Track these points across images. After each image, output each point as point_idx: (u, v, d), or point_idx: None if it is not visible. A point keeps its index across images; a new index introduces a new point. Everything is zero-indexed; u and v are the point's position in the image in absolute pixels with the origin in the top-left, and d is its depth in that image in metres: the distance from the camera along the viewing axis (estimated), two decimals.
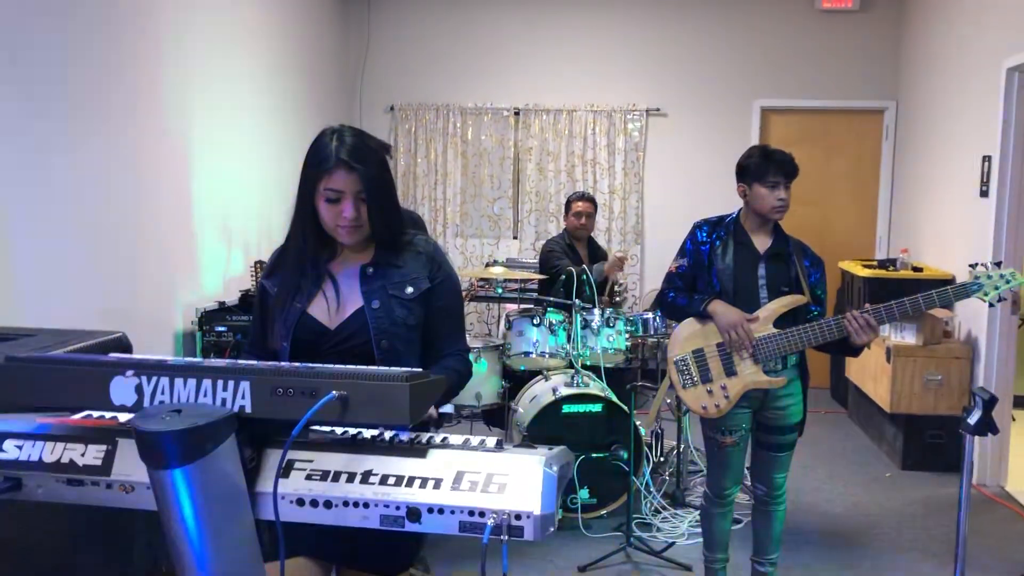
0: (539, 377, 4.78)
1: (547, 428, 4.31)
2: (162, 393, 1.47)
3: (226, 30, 5.62)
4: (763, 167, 3.18)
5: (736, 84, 7.23)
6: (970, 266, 3.02)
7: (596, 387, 4.53)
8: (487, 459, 1.47)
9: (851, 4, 6.94)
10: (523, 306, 5.20)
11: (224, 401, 1.44)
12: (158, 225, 4.89)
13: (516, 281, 5.85)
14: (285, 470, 1.49)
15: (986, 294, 2.96)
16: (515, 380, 4.93)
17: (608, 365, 4.75)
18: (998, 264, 3.00)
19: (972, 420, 2.05)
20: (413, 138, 7.59)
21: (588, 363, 4.70)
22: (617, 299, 5.61)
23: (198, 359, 1.50)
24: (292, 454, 1.50)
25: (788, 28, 7.13)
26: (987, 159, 5.07)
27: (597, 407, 4.38)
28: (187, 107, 5.18)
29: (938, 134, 6.06)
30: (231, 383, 1.44)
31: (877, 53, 7.05)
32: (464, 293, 5.92)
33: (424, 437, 1.61)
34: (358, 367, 1.46)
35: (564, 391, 4.39)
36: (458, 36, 7.54)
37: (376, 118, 7.65)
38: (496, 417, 4.99)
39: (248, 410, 1.44)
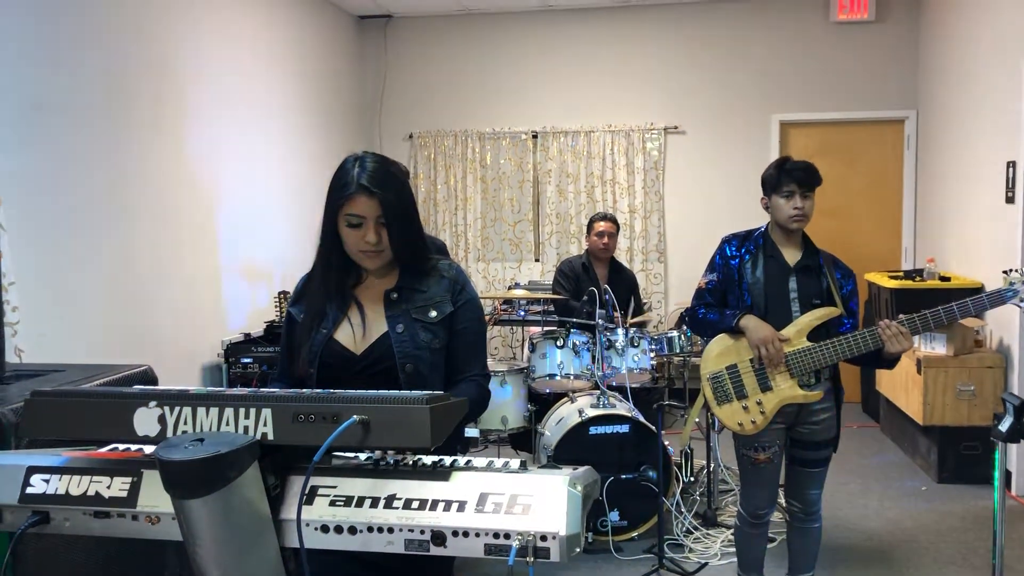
0: (565, 399, 4.75)
1: (574, 450, 4.28)
2: (185, 423, 1.48)
3: (248, 67, 5.70)
4: (777, 177, 3.16)
5: (754, 99, 7.22)
6: (1004, 272, 2.97)
7: (623, 407, 4.49)
8: (511, 480, 1.46)
9: (866, 15, 6.92)
10: (546, 328, 5.19)
11: (246, 429, 1.45)
12: (184, 260, 4.94)
13: (539, 302, 5.85)
14: (309, 497, 1.48)
15: (1022, 300, 2.91)
16: (541, 403, 4.90)
17: (634, 385, 4.72)
18: None
19: (1004, 427, 2.01)
20: (432, 164, 7.64)
21: (614, 384, 4.67)
22: (642, 313, 5.58)
23: (220, 388, 1.50)
24: (315, 480, 1.50)
25: (804, 41, 7.12)
26: (1012, 164, 5.01)
27: (624, 428, 4.34)
28: (213, 141, 5.25)
29: (961, 141, 6.00)
30: (252, 411, 1.45)
31: (895, 62, 7.01)
32: (488, 317, 5.94)
33: (448, 460, 1.60)
34: (379, 391, 1.46)
35: (590, 412, 4.36)
36: (474, 62, 7.60)
37: (396, 146, 7.71)
38: (523, 441, 4.97)
39: (270, 437, 1.44)
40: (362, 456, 1.63)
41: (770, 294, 3.18)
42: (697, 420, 5.07)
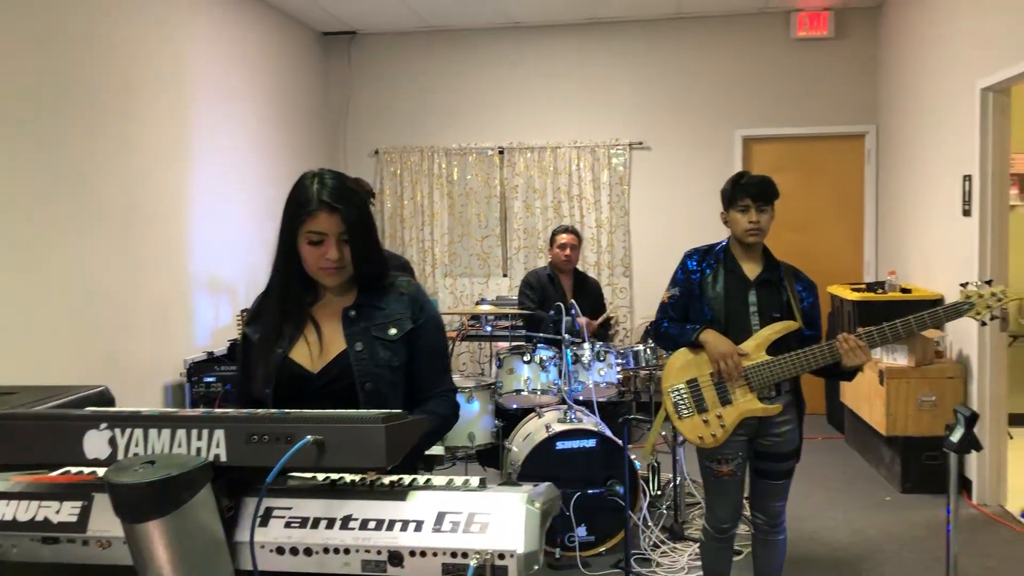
0: (532, 415, 4.75)
1: (542, 466, 4.27)
2: (136, 445, 1.45)
3: (212, 82, 5.67)
4: (733, 192, 3.20)
5: (717, 115, 7.29)
6: (961, 285, 3.01)
7: (589, 422, 4.50)
8: (469, 499, 1.45)
9: (826, 32, 7.03)
10: (513, 343, 5.18)
11: (199, 450, 1.43)
12: (145, 276, 4.88)
13: (506, 317, 5.85)
14: (264, 518, 1.46)
15: (978, 313, 2.95)
16: (508, 419, 4.89)
17: (601, 399, 4.73)
18: (988, 283, 2.99)
19: (955, 438, 2.04)
20: (399, 180, 7.63)
21: (581, 398, 4.67)
22: (611, 331, 5.61)
23: (172, 409, 1.48)
24: (270, 501, 1.48)
25: (766, 58, 7.21)
26: (967, 178, 5.10)
27: (591, 442, 4.34)
28: (178, 156, 5.21)
29: (919, 156, 6.10)
30: (205, 432, 1.42)
31: (854, 78, 7.13)
32: (455, 333, 5.93)
33: (407, 479, 1.59)
34: (334, 411, 1.45)
35: (557, 427, 4.35)
36: (439, 79, 7.61)
37: (361, 162, 7.69)
38: (491, 457, 4.95)
39: (223, 458, 1.42)
40: (320, 476, 1.62)
41: (730, 308, 3.20)
42: (664, 434, 5.08)
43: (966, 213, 5.14)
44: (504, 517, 1.41)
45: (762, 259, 3.27)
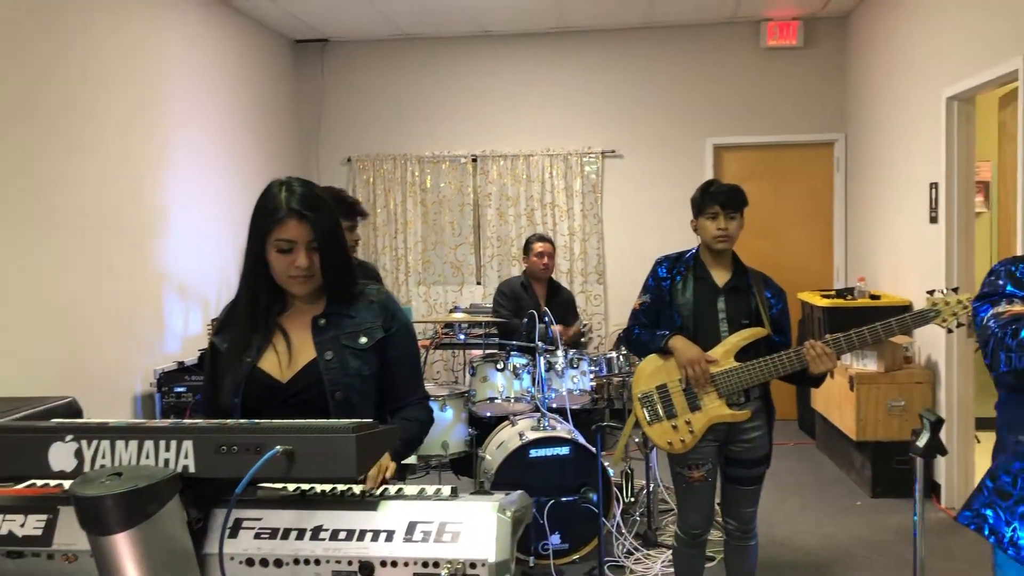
0: (506, 423, 4.74)
1: (515, 474, 4.26)
2: (103, 457, 1.44)
3: (183, 89, 5.63)
4: (702, 200, 3.24)
5: (688, 123, 7.35)
6: (928, 293, 3.05)
7: (563, 430, 4.50)
8: (440, 508, 1.45)
9: (795, 41, 7.11)
10: (487, 351, 5.18)
11: (167, 462, 1.41)
12: (115, 284, 4.83)
13: (480, 325, 5.85)
14: (233, 530, 1.46)
15: (944, 320, 2.98)
16: (482, 427, 4.89)
17: (574, 407, 4.73)
18: (955, 290, 3.03)
19: (921, 443, 2.07)
20: (372, 188, 7.61)
21: (554, 406, 4.67)
22: (583, 339, 5.63)
23: (140, 420, 1.46)
24: (240, 513, 1.47)
25: (736, 67, 7.28)
26: (934, 186, 5.18)
27: (565, 450, 4.34)
28: (148, 163, 5.16)
29: (887, 164, 6.18)
30: (173, 443, 1.41)
31: (823, 87, 7.21)
32: (429, 341, 5.92)
33: (378, 489, 1.58)
34: (304, 421, 1.44)
35: (531, 435, 4.35)
36: (412, 86, 7.61)
37: (334, 170, 7.67)
38: (464, 465, 4.93)
39: (192, 470, 1.41)
40: (291, 487, 1.61)
41: (699, 315, 3.23)
42: (637, 440, 5.10)
43: (933, 220, 5.22)
44: (475, 526, 1.41)
45: (731, 266, 3.30)
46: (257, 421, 1.46)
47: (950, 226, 5.03)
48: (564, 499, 4.27)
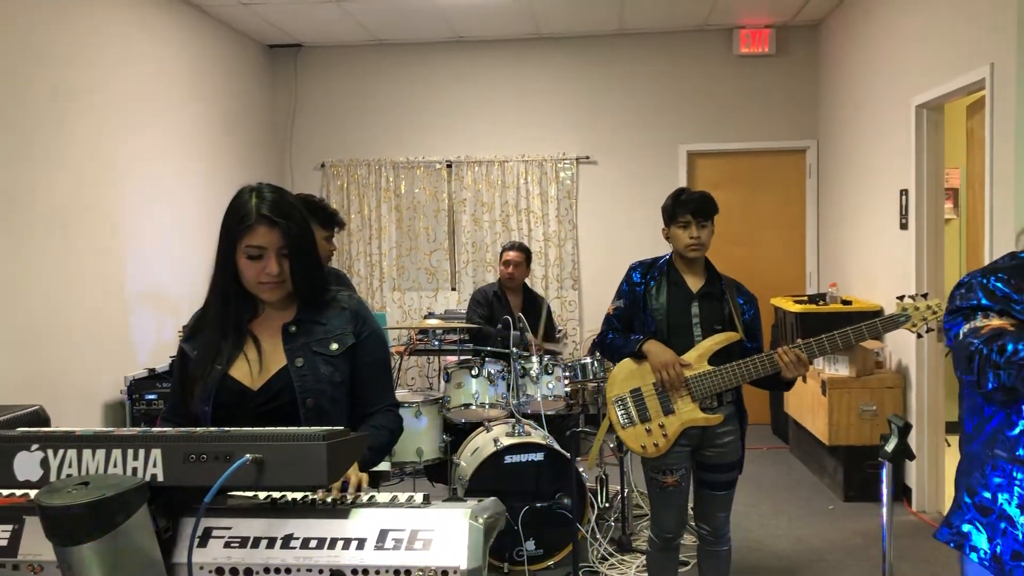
0: (480, 429, 4.73)
1: (490, 480, 4.26)
2: (69, 466, 1.42)
3: (156, 95, 5.58)
4: (673, 208, 3.26)
5: (662, 130, 7.39)
6: (897, 298, 3.09)
7: (538, 435, 4.50)
8: (412, 516, 1.45)
9: (767, 49, 7.17)
10: (461, 358, 5.17)
11: (135, 470, 1.40)
12: (83, 290, 4.77)
13: (455, 331, 5.83)
14: (203, 539, 1.44)
15: (914, 325, 3.02)
16: (457, 433, 4.88)
17: (549, 412, 4.73)
18: (924, 295, 3.07)
19: (889, 448, 2.08)
20: (345, 194, 7.58)
21: (529, 411, 4.67)
22: (558, 338, 5.62)
23: (107, 429, 1.44)
24: (210, 521, 1.45)
25: (709, 74, 7.33)
26: (904, 193, 5.24)
27: (539, 455, 4.34)
28: (118, 168, 5.10)
29: (858, 170, 6.25)
30: (141, 451, 1.40)
31: (795, 94, 7.28)
32: (404, 348, 5.90)
33: (350, 497, 1.58)
34: (274, 428, 1.43)
35: (505, 441, 4.35)
36: (386, 92, 7.59)
37: (307, 175, 7.63)
38: (439, 472, 4.93)
39: (160, 478, 1.40)
40: (262, 495, 1.60)
41: (673, 320, 3.25)
42: (612, 445, 5.11)
43: (903, 226, 5.28)
44: (447, 533, 1.41)
45: (704, 272, 3.32)
46: (227, 429, 1.45)
47: (920, 232, 5.09)
48: (539, 505, 4.27)
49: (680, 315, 3.25)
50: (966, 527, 2.05)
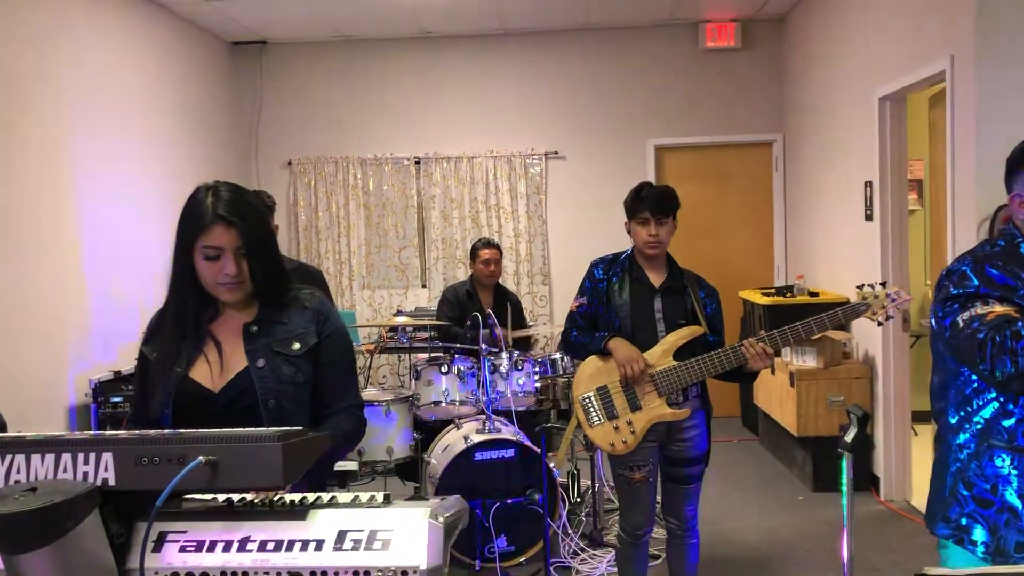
0: (451, 426, 4.72)
1: (461, 477, 4.24)
2: (18, 472, 1.39)
3: (117, 94, 5.50)
4: (633, 205, 3.27)
5: (629, 124, 7.40)
6: (857, 287, 3.12)
7: (508, 432, 4.49)
8: (371, 515, 1.43)
9: (733, 43, 7.21)
10: (431, 355, 5.15)
11: (86, 475, 1.37)
12: (44, 291, 4.70)
13: (425, 329, 5.80)
14: (157, 543, 1.41)
15: (874, 314, 3.04)
16: (427, 431, 4.86)
17: (520, 408, 4.73)
18: (884, 284, 3.09)
19: (848, 438, 2.09)
20: (313, 192, 7.52)
21: (500, 408, 4.66)
22: (531, 340, 5.61)
23: (58, 433, 1.41)
24: (164, 525, 1.43)
25: (675, 68, 7.35)
26: (868, 184, 5.28)
27: (510, 452, 4.33)
28: (80, 167, 5.03)
29: (823, 163, 6.30)
30: (92, 456, 1.37)
31: (761, 88, 7.32)
32: (373, 345, 5.86)
33: (310, 497, 1.55)
34: (228, 430, 1.41)
35: (476, 438, 4.33)
36: (352, 88, 7.54)
37: (274, 173, 7.56)
38: (410, 470, 4.90)
39: (112, 483, 1.37)
40: (221, 497, 1.57)
41: (636, 315, 3.25)
42: (583, 440, 5.11)
43: (868, 218, 5.32)
44: (407, 533, 1.39)
45: (666, 267, 3.33)
46: (181, 431, 1.43)
47: (885, 223, 5.14)
48: (510, 501, 4.26)
49: (643, 311, 3.26)
50: (965, 520, 2.04)
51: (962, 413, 2.05)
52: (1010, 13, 3.88)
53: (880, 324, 3.12)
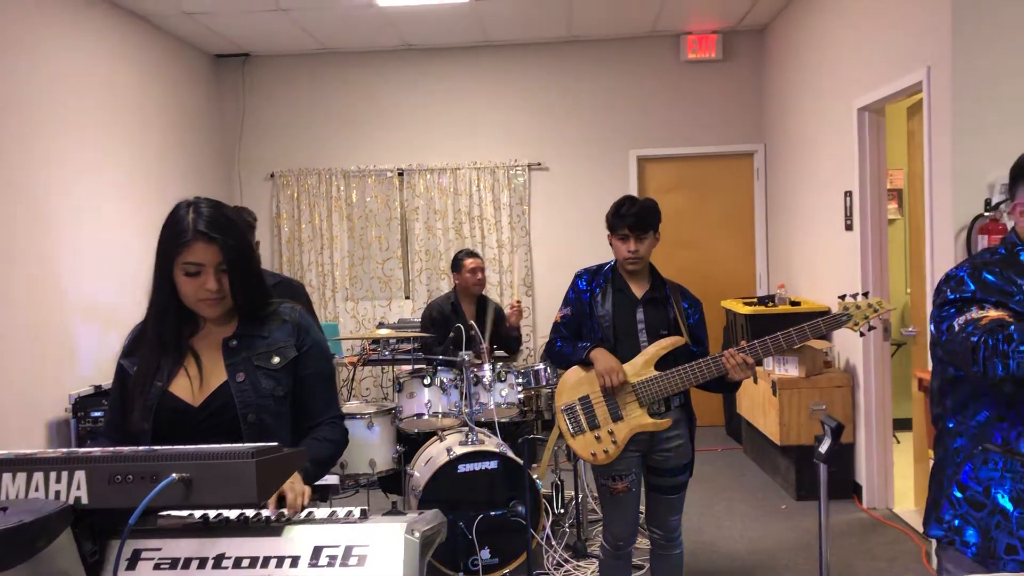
0: (434, 438, 4.70)
1: (444, 490, 4.23)
2: None
3: (96, 101, 5.48)
4: (613, 221, 3.29)
5: (612, 135, 7.43)
6: (839, 298, 3.13)
7: (491, 443, 4.48)
8: (347, 531, 1.43)
9: (714, 54, 7.25)
10: (414, 367, 5.14)
11: (58, 494, 1.36)
12: (22, 305, 4.66)
13: (408, 340, 5.79)
14: (131, 561, 1.41)
15: (856, 324, 3.06)
16: (410, 443, 4.84)
17: (503, 420, 4.72)
18: (865, 294, 3.12)
19: (823, 449, 2.10)
20: (296, 204, 7.51)
21: (483, 420, 4.66)
22: (515, 336, 5.60)
23: (30, 451, 1.40)
24: (139, 543, 1.42)
25: (657, 79, 7.39)
26: (848, 194, 5.32)
27: (493, 464, 4.32)
28: (60, 181, 5.00)
29: (804, 173, 6.34)
30: (64, 474, 1.36)
31: (743, 99, 7.37)
32: (356, 358, 5.84)
33: (288, 514, 1.55)
34: (203, 447, 1.40)
35: (459, 450, 4.32)
36: (335, 100, 7.54)
37: (256, 186, 7.55)
38: (393, 483, 4.89)
39: (85, 501, 1.36)
40: (198, 514, 1.56)
41: (619, 326, 3.26)
42: (566, 451, 5.12)
43: (848, 228, 5.36)
44: (382, 548, 1.39)
45: (649, 278, 3.34)
46: (155, 448, 1.42)
47: (864, 233, 5.18)
48: (493, 513, 4.25)
49: (626, 321, 3.27)
50: (958, 522, 2.06)
51: (958, 417, 2.08)
52: (985, 24, 3.93)
53: (862, 335, 3.14)
